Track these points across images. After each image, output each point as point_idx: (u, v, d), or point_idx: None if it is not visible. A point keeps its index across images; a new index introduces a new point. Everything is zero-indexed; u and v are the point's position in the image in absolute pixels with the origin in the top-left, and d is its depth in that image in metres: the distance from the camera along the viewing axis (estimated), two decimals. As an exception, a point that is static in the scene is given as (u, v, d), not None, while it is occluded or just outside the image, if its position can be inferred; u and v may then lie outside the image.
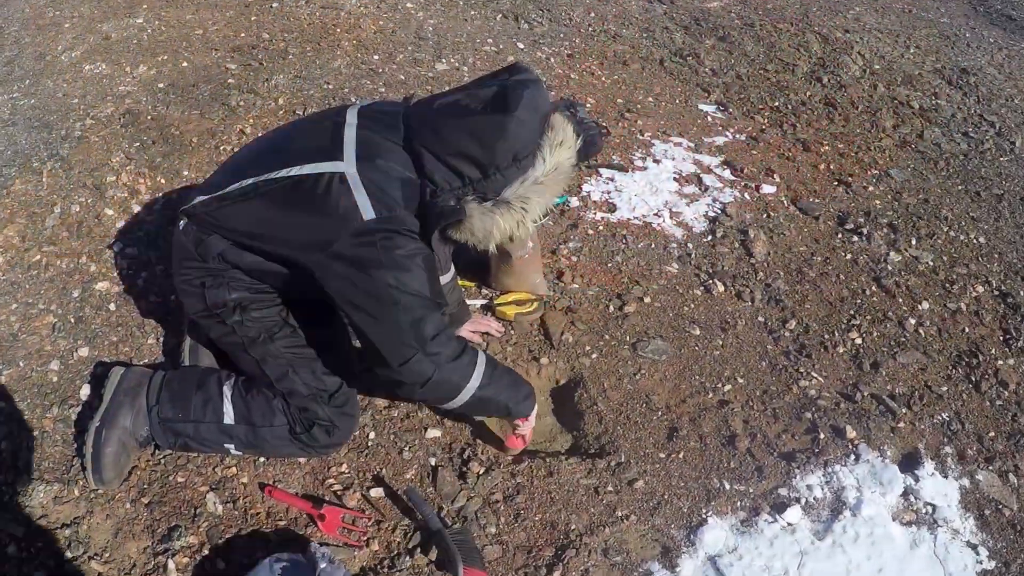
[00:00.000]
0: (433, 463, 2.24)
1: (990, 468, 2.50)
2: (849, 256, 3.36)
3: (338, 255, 1.82)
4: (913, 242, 3.49)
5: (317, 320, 2.15)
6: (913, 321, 3.02)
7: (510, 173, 1.82)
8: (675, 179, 3.79)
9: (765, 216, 3.56)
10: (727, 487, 2.28)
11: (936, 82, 5.08)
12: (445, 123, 1.83)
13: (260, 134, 3.48)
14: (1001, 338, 3.02)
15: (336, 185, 1.81)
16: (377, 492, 2.14)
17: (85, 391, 2.33)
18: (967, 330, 3.03)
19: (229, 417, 2.06)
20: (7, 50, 4.28)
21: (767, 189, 3.76)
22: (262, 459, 2.18)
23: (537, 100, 1.80)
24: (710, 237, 3.39)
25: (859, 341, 2.90)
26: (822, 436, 2.47)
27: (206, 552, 1.98)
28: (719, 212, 3.55)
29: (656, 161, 3.92)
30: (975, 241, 3.56)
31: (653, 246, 3.29)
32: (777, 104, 4.64)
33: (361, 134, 1.90)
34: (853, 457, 2.43)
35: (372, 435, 2.30)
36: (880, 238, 3.47)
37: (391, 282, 1.81)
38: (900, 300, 3.13)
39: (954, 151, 4.31)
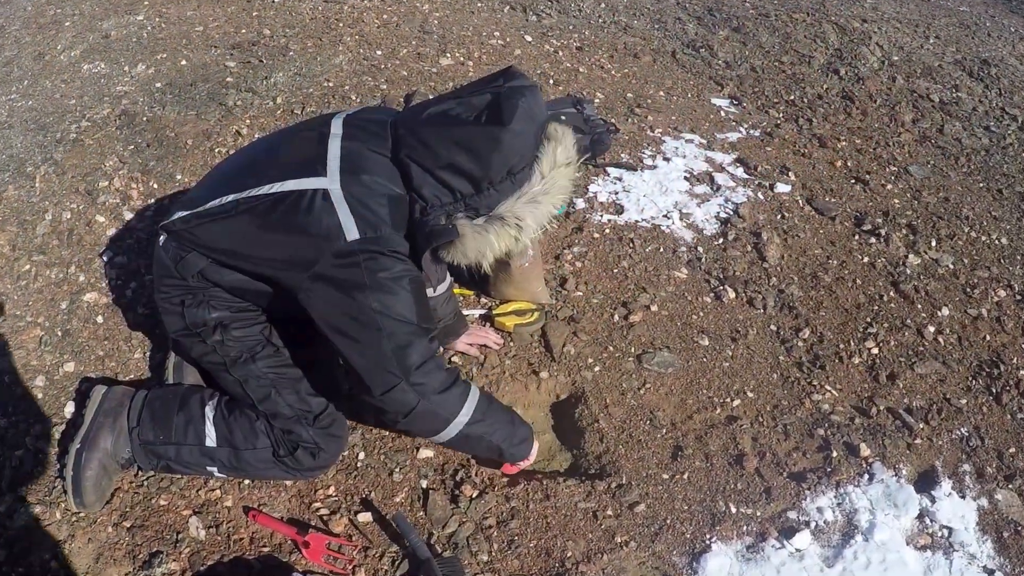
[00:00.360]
0: (424, 485, 2.15)
1: (1010, 487, 2.38)
2: (866, 259, 3.23)
3: (320, 276, 1.73)
4: (933, 244, 3.36)
5: (301, 339, 2.05)
6: (932, 329, 2.90)
7: (504, 187, 1.72)
8: (686, 178, 3.67)
9: (779, 217, 3.44)
10: (733, 510, 2.18)
11: (956, 74, 4.91)
12: (435, 134, 1.72)
13: (256, 136, 3.42)
14: (1023, 346, 2.90)
15: (319, 202, 1.72)
16: (365, 517, 2.05)
17: (69, 408, 2.26)
18: (988, 338, 2.90)
19: (211, 439, 1.98)
20: (7, 50, 4.22)
21: (781, 188, 3.63)
22: (247, 481, 2.11)
23: (533, 109, 1.69)
24: (721, 240, 3.27)
25: (875, 351, 2.78)
26: (835, 454, 2.36)
27: (187, 580, 1.91)
28: (731, 213, 3.43)
29: (666, 159, 3.80)
30: (997, 242, 3.42)
31: (661, 250, 3.18)
32: (792, 98, 4.50)
33: (346, 146, 1.80)
34: (867, 477, 2.32)
35: (362, 455, 2.21)
36: (899, 240, 3.34)
37: (375, 306, 1.72)
38: (919, 306, 3.00)
39: (975, 146, 4.16)
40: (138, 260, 2.75)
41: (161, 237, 1.95)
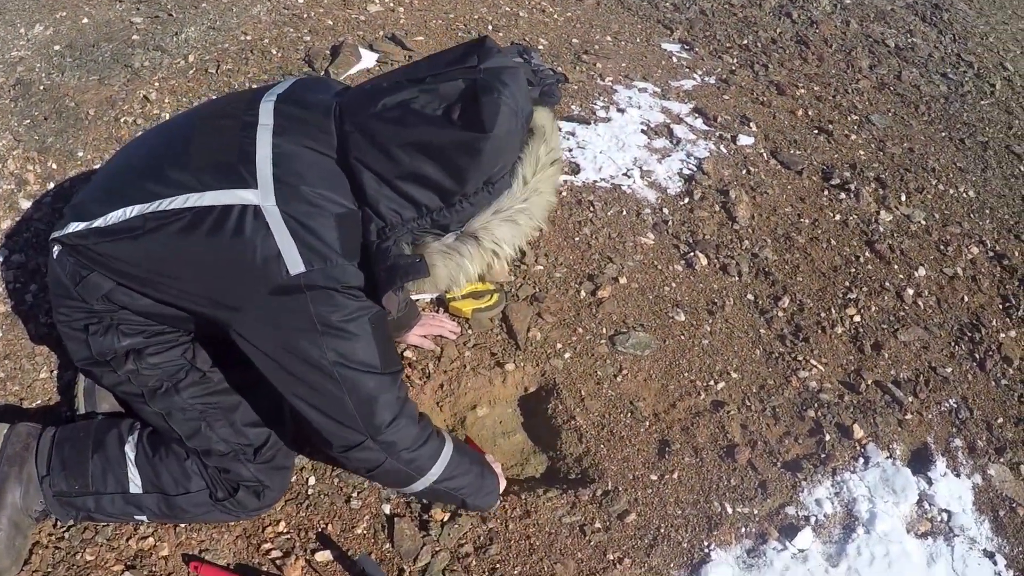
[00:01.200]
0: (388, 511, 1.89)
1: (1001, 460, 2.29)
2: (838, 217, 3.06)
3: (258, 318, 1.42)
4: (903, 198, 3.21)
5: (231, 357, 1.66)
6: (911, 291, 2.76)
7: (480, 199, 1.39)
8: (643, 131, 3.42)
9: (745, 172, 3.23)
10: (729, 511, 2.00)
11: (910, 18, 4.76)
12: (393, 135, 1.36)
13: (166, 102, 3.02)
14: (1001, 306, 2.78)
15: (249, 223, 1.36)
16: (324, 555, 1.78)
17: (-33, 445, 1.92)
18: (966, 299, 2.78)
19: (135, 486, 1.67)
20: None
21: (744, 140, 3.42)
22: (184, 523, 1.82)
23: (519, 102, 1.34)
24: (687, 200, 3.05)
25: (857, 319, 2.62)
26: (828, 438, 2.21)
27: (121, 647, 1.64)
28: (695, 169, 3.21)
29: (620, 110, 3.54)
30: (965, 195, 3.30)
31: (624, 213, 2.94)
32: (746, 42, 4.27)
33: (278, 144, 1.43)
34: (862, 461, 2.18)
35: (312, 480, 1.93)
36: (868, 194, 3.17)
37: (330, 356, 1.42)
38: (896, 267, 2.85)
39: (934, 94, 4.02)
40: (37, 258, 2.37)
41: (55, 249, 1.58)
